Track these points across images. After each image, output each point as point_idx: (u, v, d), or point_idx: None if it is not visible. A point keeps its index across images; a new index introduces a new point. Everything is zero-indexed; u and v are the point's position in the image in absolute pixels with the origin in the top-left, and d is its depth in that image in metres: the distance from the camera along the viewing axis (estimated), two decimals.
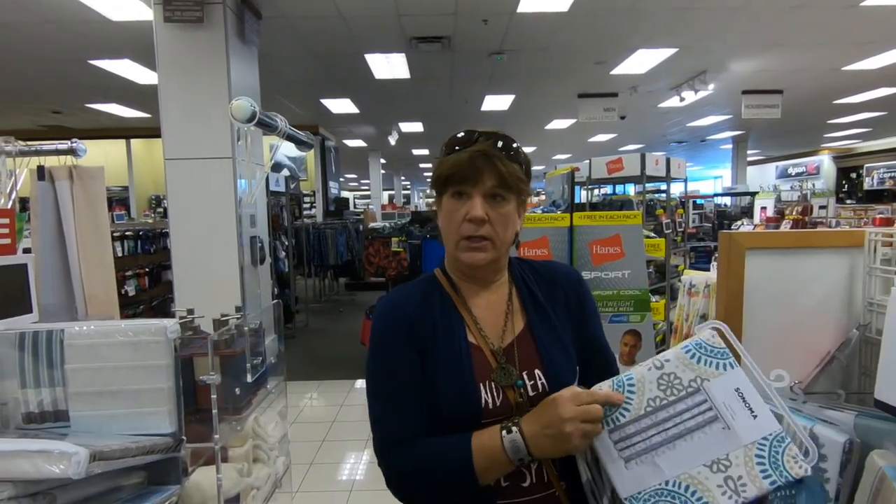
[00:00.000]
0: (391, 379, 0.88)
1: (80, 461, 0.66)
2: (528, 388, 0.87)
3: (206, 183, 3.73)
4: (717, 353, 0.77)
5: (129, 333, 0.88)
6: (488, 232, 0.86)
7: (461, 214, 0.86)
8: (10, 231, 1.02)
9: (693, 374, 0.76)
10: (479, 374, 0.87)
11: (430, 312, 0.91)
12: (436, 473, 0.82)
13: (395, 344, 0.89)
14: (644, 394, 0.76)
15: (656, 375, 0.77)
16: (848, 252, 1.21)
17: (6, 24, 4.60)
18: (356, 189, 28.32)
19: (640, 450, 0.74)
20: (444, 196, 0.89)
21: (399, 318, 0.90)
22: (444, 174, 0.87)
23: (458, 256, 0.89)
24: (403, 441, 0.85)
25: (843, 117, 10.40)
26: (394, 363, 0.88)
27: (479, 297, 0.94)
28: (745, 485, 0.71)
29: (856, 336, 1.17)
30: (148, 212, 10.20)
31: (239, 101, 1.36)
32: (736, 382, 0.75)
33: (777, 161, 17.97)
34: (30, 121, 8.77)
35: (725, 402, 0.74)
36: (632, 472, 0.74)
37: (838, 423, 0.97)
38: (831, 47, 5.83)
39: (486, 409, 0.85)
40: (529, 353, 0.90)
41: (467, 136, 0.88)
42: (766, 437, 0.72)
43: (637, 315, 2.48)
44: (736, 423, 0.73)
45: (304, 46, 5.47)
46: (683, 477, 0.72)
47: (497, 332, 0.91)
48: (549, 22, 4.90)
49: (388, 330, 0.90)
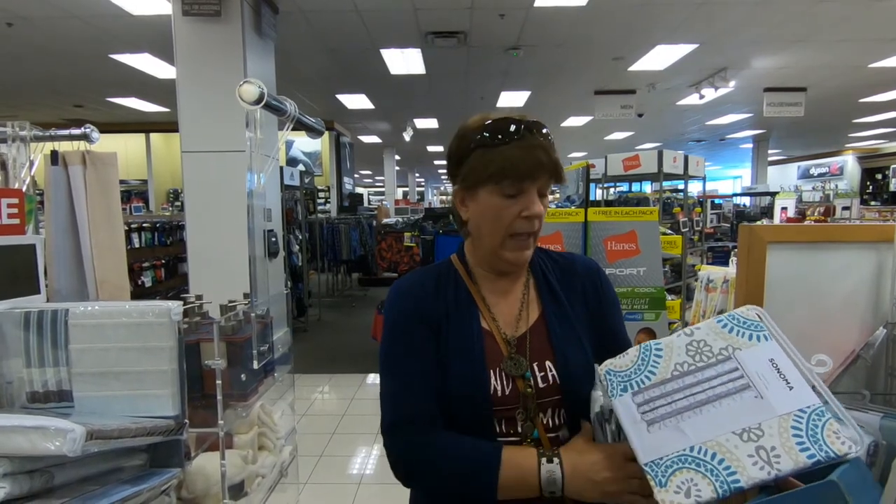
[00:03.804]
0: (404, 356, 0.86)
1: (77, 438, 0.66)
2: (537, 379, 0.85)
3: (221, 175, 3.76)
4: (752, 324, 0.73)
5: (132, 314, 0.88)
6: (538, 227, 0.85)
7: (514, 212, 0.82)
8: (20, 211, 1.03)
9: (724, 343, 0.72)
10: (490, 360, 0.85)
11: (444, 296, 0.89)
12: (455, 473, 0.79)
13: (409, 322, 0.87)
14: (671, 358, 0.73)
15: (685, 342, 0.74)
16: (875, 247, 1.15)
17: (30, 18, 4.69)
18: (371, 185, 28.44)
19: (664, 413, 0.70)
20: (485, 190, 0.83)
21: (414, 297, 0.89)
22: (499, 168, 0.81)
23: (504, 255, 0.86)
24: (415, 421, 0.83)
25: (869, 116, 10.14)
26: (408, 341, 0.86)
27: (495, 285, 0.91)
28: (780, 456, 0.63)
29: (882, 335, 1.12)
30: (166, 205, 10.36)
31: (247, 82, 1.36)
32: (770, 353, 0.70)
33: (799, 161, 17.61)
34: (53, 114, 8.96)
35: (759, 371, 0.69)
36: (654, 436, 0.69)
37: (863, 425, 0.93)
38: (857, 44, 5.67)
39: (495, 395, 0.83)
40: (542, 345, 0.87)
41: (515, 124, 0.83)
42: (804, 410, 0.65)
43: (652, 313, 2.43)
44: (769, 393, 0.67)
45: (319, 41, 5.48)
46: (710, 444, 0.66)
47: (511, 321, 0.89)
48: (567, 16, 4.84)
49: (402, 308, 0.89)
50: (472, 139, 0.84)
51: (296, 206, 6.52)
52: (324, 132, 1.99)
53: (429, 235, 5.26)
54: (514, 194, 0.82)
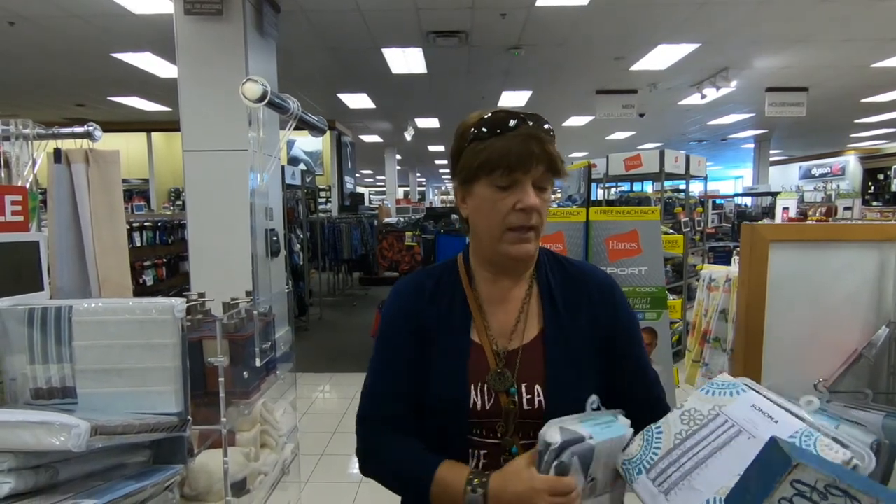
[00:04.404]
0: (384, 357, 0.89)
1: (81, 434, 0.66)
2: (523, 398, 0.82)
3: (223, 174, 3.77)
4: (730, 385, 0.81)
5: (136, 311, 0.88)
6: (536, 221, 0.81)
7: (508, 204, 0.79)
8: (23, 208, 1.03)
9: (710, 405, 0.80)
10: (474, 373, 0.83)
11: (439, 301, 0.88)
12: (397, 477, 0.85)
13: (396, 324, 0.89)
14: (671, 431, 0.80)
15: (678, 414, 0.82)
16: (878, 246, 1.15)
17: (32, 18, 4.70)
18: (372, 185, 28.44)
19: (677, 478, 0.76)
20: (479, 184, 0.81)
21: (409, 300, 0.90)
22: (490, 159, 0.78)
23: (505, 250, 0.82)
24: (379, 420, 0.86)
25: (871, 116, 10.13)
26: (392, 343, 0.89)
27: (495, 292, 0.88)
28: None
29: (885, 334, 1.12)
30: (167, 204, 10.37)
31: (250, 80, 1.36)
32: (751, 401, 0.78)
33: (800, 161, 17.58)
34: (55, 113, 8.97)
35: (745, 417, 0.76)
36: (673, 502, 0.75)
37: (865, 424, 0.93)
38: (859, 44, 5.67)
39: (475, 409, 0.82)
40: (535, 366, 0.84)
41: (509, 117, 0.80)
42: (793, 436, 0.71)
43: (653, 312, 2.43)
44: (759, 432, 0.73)
45: (321, 40, 5.49)
46: (721, 491, 0.71)
47: (505, 333, 0.86)
48: (568, 16, 4.84)
49: (396, 309, 0.91)
50: (469, 134, 0.83)
51: (297, 206, 6.53)
52: (326, 130, 2.00)
53: (430, 235, 5.26)
54: (507, 186, 0.79)
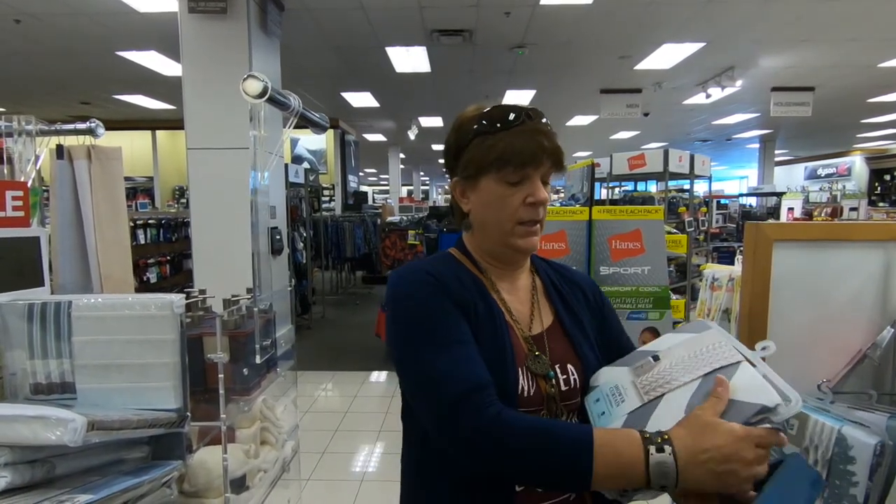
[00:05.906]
0: (447, 331, 0.76)
1: (78, 428, 0.66)
2: (560, 380, 0.82)
3: (227, 172, 3.77)
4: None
5: (135, 307, 0.88)
6: (543, 214, 0.84)
7: (518, 198, 0.80)
8: (24, 204, 1.03)
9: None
10: (517, 356, 0.81)
11: (465, 287, 0.83)
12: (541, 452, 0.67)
13: (437, 299, 0.78)
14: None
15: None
16: (883, 246, 1.14)
17: (37, 16, 4.72)
18: (375, 184, 28.47)
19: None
20: (487, 178, 0.81)
21: (435, 277, 0.81)
22: (503, 155, 0.78)
23: (514, 243, 0.83)
24: (488, 387, 0.72)
25: (878, 117, 10.05)
26: (446, 317, 0.77)
27: (504, 282, 0.89)
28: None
29: (890, 334, 1.11)
30: (171, 202, 10.40)
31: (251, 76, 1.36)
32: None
33: (806, 161, 17.48)
34: (60, 111, 9.02)
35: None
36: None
37: (869, 425, 0.92)
38: (865, 43, 5.62)
39: (521, 396, 0.78)
40: (562, 348, 0.86)
41: (511, 111, 0.81)
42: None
43: (656, 312, 2.41)
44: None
45: (325, 39, 5.49)
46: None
47: (525, 320, 0.87)
48: (573, 14, 4.82)
49: (424, 289, 0.79)
50: (470, 128, 0.82)
51: (300, 204, 6.54)
52: (327, 127, 1.99)
53: (433, 233, 5.26)
54: (518, 181, 0.80)
